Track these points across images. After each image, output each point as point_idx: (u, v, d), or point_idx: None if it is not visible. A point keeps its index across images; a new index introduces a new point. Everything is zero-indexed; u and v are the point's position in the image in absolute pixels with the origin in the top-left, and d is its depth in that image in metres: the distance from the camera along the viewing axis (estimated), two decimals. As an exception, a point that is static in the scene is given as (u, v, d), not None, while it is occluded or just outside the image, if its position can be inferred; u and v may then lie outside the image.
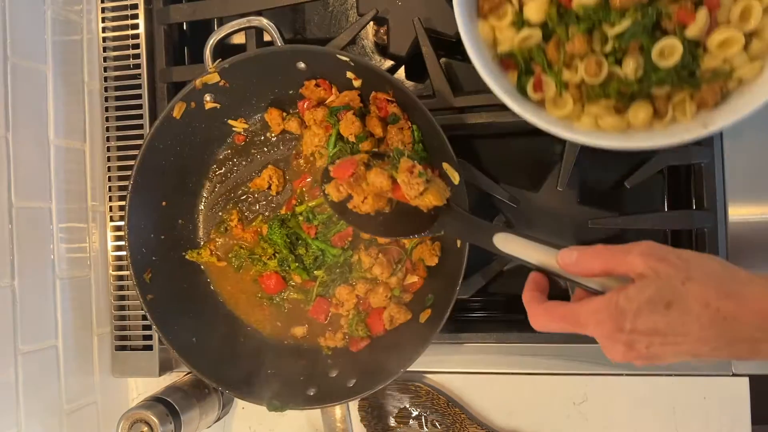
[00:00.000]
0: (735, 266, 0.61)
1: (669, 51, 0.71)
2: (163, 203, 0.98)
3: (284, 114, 0.99)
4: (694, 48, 0.72)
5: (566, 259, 0.66)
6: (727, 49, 0.71)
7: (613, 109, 0.77)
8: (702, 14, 0.70)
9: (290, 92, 0.97)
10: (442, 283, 0.90)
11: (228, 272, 1.02)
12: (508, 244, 0.72)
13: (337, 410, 0.92)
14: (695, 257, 0.61)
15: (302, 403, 0.91)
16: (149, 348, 1.02)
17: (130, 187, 0.93)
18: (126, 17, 1.03)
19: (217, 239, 1.02)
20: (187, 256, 1.01)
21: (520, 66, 0.78)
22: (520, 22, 0.77)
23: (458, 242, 0.88)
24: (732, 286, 0.59)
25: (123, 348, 1.03)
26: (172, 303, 0.96)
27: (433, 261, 0.93)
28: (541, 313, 0.66)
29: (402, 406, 0.98)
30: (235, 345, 0.99)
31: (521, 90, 0.79)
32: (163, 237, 0.98)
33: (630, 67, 0.73)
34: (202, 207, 1.03)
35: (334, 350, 0.98)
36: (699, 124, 0.73)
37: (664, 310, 0.58)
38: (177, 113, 0.93)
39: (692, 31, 0.70)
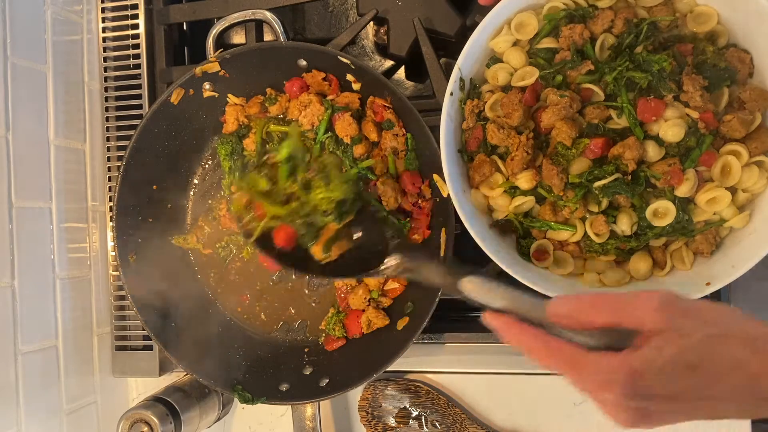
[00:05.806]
0: (754, 318, 0.54)
1: (663, 212, 0.75)
2: (154, 187, 0.99)
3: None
4: (686, 204, 0.75)
5: (559, 309, 0.56)
6: (716, 205, 0.75)
7: (614, 262, 0.80)
8: (691, 174, 0.73)
9: (289, 87, 0.97)
10: (423, 293, 0.90)
11: (213, 260, 1.02)
12: (481, 290, 0.62)
13: (308, 408, 0.92)
14: (715, 309, 0.53)
15: (274, 397, 0.92)
16: (149, 348, 1.02)
17: (121, 168, 0.93)
18: (126, 17, 1.03)
19: (205, 227, 1.02)
20: (173, 241, 1.01)
21: (518, 230, 0.81)
22: (512, 191, 0.80)
23: (441, 253, 0.88)
24: (759, 342, 0.51)
25: (123, 348, 1.03)
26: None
27: None
28: (541, 347, 0.56)
29: (402, 406, 0.98)
30: (213, 333, 1.00)
31: (521, 253, 0.82)
32: (150, 220, 0.99)
33: (625, 224, 0.76)
34: (192, 193, 1.03)
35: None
36: (700, 276, 0.75)
37: (689, 373, 0.50)
38: (175, 99, 0.94)
39: (682, 190, 0.74)
